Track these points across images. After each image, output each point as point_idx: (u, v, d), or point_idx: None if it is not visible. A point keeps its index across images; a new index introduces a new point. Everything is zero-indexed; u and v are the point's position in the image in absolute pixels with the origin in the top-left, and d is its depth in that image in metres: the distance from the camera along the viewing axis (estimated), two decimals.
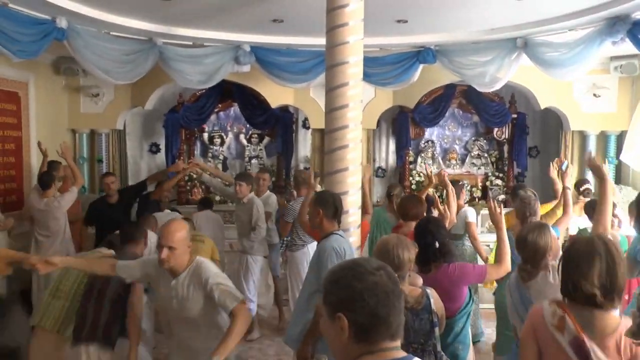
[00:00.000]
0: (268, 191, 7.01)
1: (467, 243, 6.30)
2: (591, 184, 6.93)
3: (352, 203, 4.76)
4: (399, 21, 6.36)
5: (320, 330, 1.79)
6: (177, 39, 7.02)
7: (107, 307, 4.12)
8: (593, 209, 4.11)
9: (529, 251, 3.41)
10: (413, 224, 4.78)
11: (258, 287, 6.62)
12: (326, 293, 1.72)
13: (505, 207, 6.49)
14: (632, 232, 5.03)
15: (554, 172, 5.99)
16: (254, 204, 6.34)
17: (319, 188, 7.57)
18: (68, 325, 4.18)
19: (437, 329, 3.24)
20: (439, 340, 3.26)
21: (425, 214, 4.99)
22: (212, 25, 6.71)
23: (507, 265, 3.90)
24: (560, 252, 3.16)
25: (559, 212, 5.15)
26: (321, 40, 4.99)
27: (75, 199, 6.84)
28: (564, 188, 5.03)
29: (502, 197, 8.80)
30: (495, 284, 5.20)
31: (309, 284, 4.05)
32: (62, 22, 6.07)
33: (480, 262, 6.10)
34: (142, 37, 6.89)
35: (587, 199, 6.41)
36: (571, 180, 7.03)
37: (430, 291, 3.32)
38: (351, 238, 4.66)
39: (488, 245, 6.48)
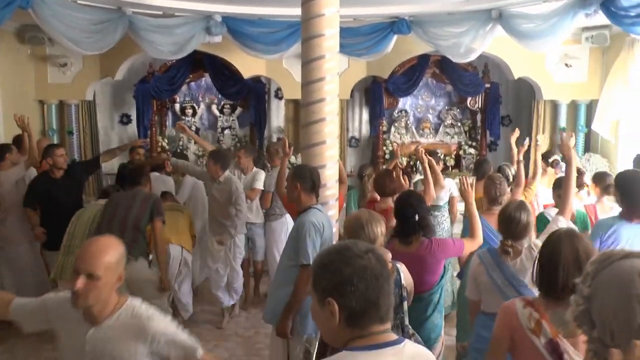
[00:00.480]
0: (255, 168, 6.85)
1: (447, 214, 6.41)
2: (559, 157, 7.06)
3: (329, 177, 4.74)
4: None
5: (313, 316, 1.80)
6: (147, 8, 6.83)
7: (130, 228, 4.93)
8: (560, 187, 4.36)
9: (514, 228, 3.48)
10: (390, 200, 4.86)
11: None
12: (315, 278, 1.72)
13: None
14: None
15: (514, 139, 6.16)
16: (232, 182, 6.11)
17: (293, 159, 7.63)
18: None
19: (405, 304, 3.27)
20: (406, 314, 3.29)
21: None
22: None
23: (480, 238, 4.02)
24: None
25: (533, 186, 5.32)
26: (294, 11, 4.94)
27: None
28: (518, 161, 5.35)
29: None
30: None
31: (287, 258, 4.04)
32: None
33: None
34: (111, 6, 6.68)
35: (556, 172, 6.56)
36: (541, 149, 7.24)
37: (400, 265, 3.36)
38: (330, 211, 4.66)
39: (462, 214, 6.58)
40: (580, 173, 5.70)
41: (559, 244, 2.48)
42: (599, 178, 5.36)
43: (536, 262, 2.54)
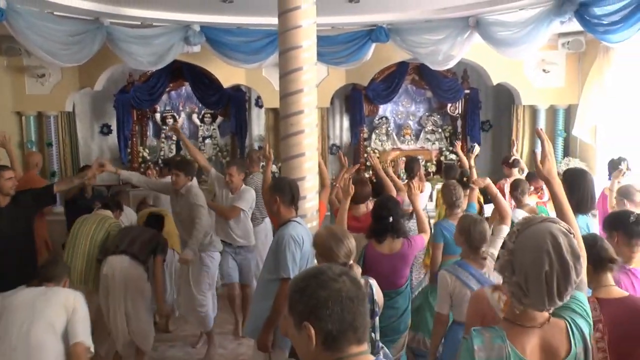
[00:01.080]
0: (244, 185, 6.16)
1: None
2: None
3: (309, 189, 4.75)
4: (350, 0, 6.30)
5: (291, 340, 1.80)
6: (125, 19, 6.82)
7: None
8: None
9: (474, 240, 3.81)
10: (363, 206, 5.21)
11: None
12: (292, 303, 1.73)
13: None
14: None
15: (458, 149, 6.49)
16: (191, 193, 5.57)
17: (275, 169, 7.62)
18: (89, 278, 5.24)
19: (377, 319, 3.26)
20: (377, 329, 3.27)
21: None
22: (161, 4, 6.55)
23: (428, 230, 4.75)
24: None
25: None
26: (272, 20, 4.93)
27: None
28: (470, 167, 5.65)
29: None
30: None
31: (267, 272, 4.03)
32: (0, 2, 5.78)
33: None
34: (88, 17, 6.65)
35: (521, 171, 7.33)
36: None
37: (372, 281, 3.36)
38: (310, 224, 4.67)
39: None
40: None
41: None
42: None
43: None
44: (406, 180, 6.78)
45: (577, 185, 4.35)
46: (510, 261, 1.91)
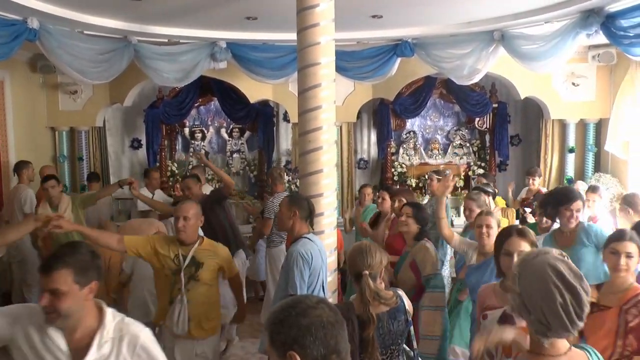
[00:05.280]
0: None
1: None
2: None
3: (327, 205, 4.72)
4: (373, 16, 6.31)
5: None
6: (152, 36, 6.95)
7: None
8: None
9: None
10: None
11: None
12: (272, 336, 1.72)
13: None
14: None
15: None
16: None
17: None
18: None
19: (411, 328, 3.31)
20: (414, 337, 3.34)
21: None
22: (187, 22, 6.65)
23: None
24: None
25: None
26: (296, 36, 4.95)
27: None
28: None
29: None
30: None
31: (280, 289, 4.05)
32: (34, 23, 5.96)
33: None
34: (117, 36, 6.81)
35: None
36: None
37: (401, 292, 3.37)
38: (327, 240, 4.64)
39: None
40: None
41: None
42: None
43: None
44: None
45: None
46: (523, 302, 1.96)
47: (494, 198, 6.41)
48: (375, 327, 3.03)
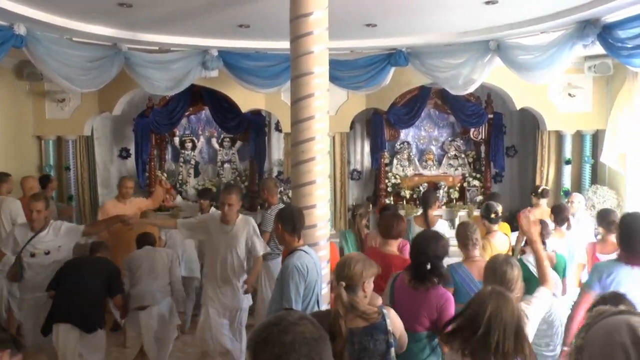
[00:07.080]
0: (240, 215, 5.56)
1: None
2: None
3: (320, 217, 4.61)
4: (367, 25, 6.20)
5: None
6: (143, 44, 6.82)
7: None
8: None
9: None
10: (395, 242, 4.71)
11: None
12: (255, 354, 1.68)
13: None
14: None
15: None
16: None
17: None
18: None
19: (392, 350, 3.14)
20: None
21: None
22: (178, 30, 6.53)
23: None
24: None
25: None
26: (289, 45, 4.84)
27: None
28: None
29: (479, 198, 8.72)
30: None
31: (274, 302, 4.02)
32: (21, 29, 5.82)
33: None
34: (107, 43, 6.68)
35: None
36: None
37: (388, 311, 3.22)
38: (321, 252, 4.54)
39: None
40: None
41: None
42: (603, 216, 5.23)
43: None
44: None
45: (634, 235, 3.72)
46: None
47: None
48: (345, 342, 2.88)
